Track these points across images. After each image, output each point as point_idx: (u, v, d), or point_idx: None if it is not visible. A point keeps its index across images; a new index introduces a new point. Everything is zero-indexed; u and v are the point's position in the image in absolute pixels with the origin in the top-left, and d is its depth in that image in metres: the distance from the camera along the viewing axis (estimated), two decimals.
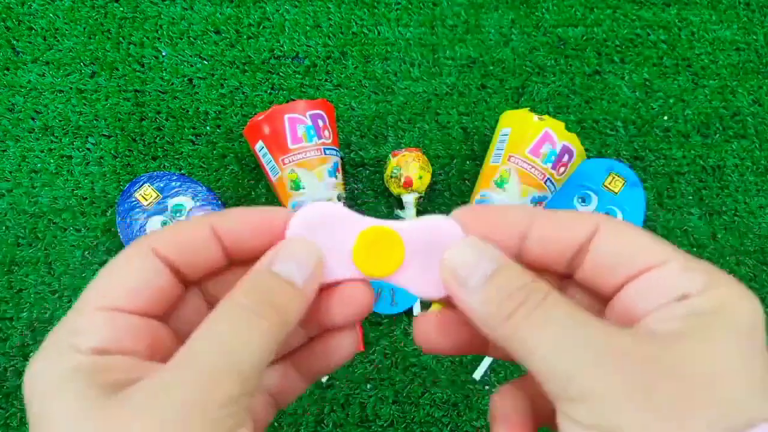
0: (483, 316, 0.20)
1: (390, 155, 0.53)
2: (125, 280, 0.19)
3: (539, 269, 0.21)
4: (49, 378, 0.17)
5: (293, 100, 0.56)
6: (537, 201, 0.49)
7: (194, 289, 0.22)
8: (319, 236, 0.26)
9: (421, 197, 0.53)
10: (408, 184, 0.51)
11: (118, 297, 0.19)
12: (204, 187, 0.53)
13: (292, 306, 0.20)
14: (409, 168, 0.51)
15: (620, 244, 0.20)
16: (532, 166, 0.48)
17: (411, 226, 0.26)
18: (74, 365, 0.17)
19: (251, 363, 0.18)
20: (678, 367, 0.18)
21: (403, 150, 0.53)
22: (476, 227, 0.22)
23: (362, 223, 0.27)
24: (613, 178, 0.54)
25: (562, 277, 0.22)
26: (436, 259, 0.25)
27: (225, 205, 0.54)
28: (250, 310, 0.19)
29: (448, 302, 0.23)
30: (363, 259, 0.27)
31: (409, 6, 0.61)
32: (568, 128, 0.49)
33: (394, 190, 0.52)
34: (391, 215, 0.55)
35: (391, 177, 0.52)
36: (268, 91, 0.58)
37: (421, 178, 0.51)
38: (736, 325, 0.19)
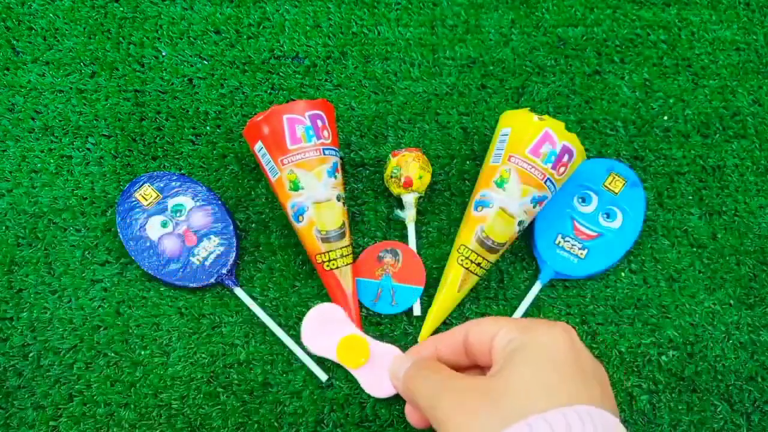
0: (402, 392, 0.40)
1: (390, 155, 0.53)
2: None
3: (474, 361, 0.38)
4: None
5: (293, 100, 0.56)
6: (537, 201, 0.49)
7: None
8: (323, 326, 0.50)
9: (421, 197, 0.53)
10: (408, 184, 0.51)
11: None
12: (204, 187, 0.53)
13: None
14: (409, 168, 0.51)
15: (479, 335, 0.36)
16: (532, 166, 0.48)
17: (376, 343, 0.50)
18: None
19: None
20: (493, 388, 0.30)
21: (403, 150, 0.53)
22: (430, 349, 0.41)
23: (348, 328, 0.50)
24: (614, 178, 0.54)
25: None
26: (385, 370, 0.49)
27: (225, 205, 0.54)
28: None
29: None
30: (341, 353, 0.49)
31: (409, 6, 0.61)
32: (568, 128, 0.49)
33: (394, 190, 0.52)
34: (391, 215, 0.55)
35: (391, 177, 0.52)
36: (268, 91, 0.58)
37: (421, 178, 0.51)
38: (535, 352, 0.31)
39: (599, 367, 0.33)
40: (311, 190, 0.49)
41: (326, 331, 0.50)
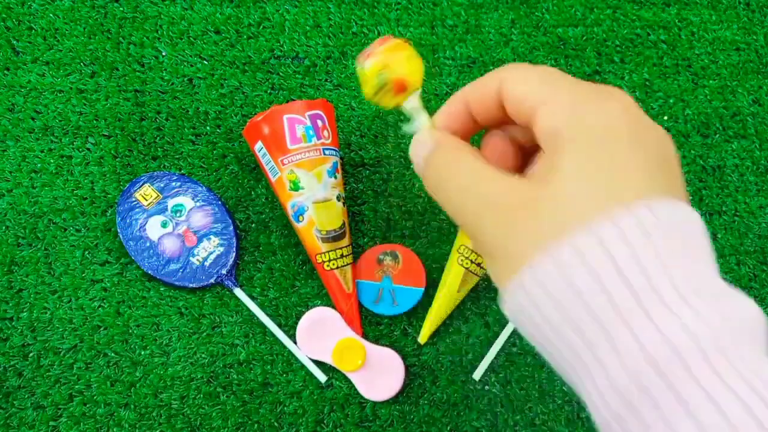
0: (423, 180, 0.30)
1: (359, 64, 0.35)
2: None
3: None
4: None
5: (293, 100, 0.56)
6: None
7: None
8: (317, 329, 0.50)
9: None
10: (401, 87, 0.35)
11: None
12: (204, 187, 0.53)
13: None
14: (395, 64, 0.35)
15: (517, 92, 0.27)
16: None
17: (372, 346, 0.50)
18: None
19: None
20: (540, 197, 0.23)
21: (375, 46, 0.35)
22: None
23: (344, 332, 0.50)
24: None
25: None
26: (384, 373, 0.49)
27: (225, 205, 0.54)
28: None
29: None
30: (337, 357, 0.49)
31: (409, 6, 0.61)
32: None
33: (388, 103, 0.36)
34: (391, 215, 0.55)
35: (379, 90, 0.35)
36: (268, 91, 0.58)
37: (412, 72, 0.36)
38: (587, 142, 0.23)
39: (664, 140, 0.25)
40: (311, 190, 0.49)
41: (322, 335, 0.50)
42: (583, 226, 0.22)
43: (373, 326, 0.52)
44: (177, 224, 0.52)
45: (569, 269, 0.21)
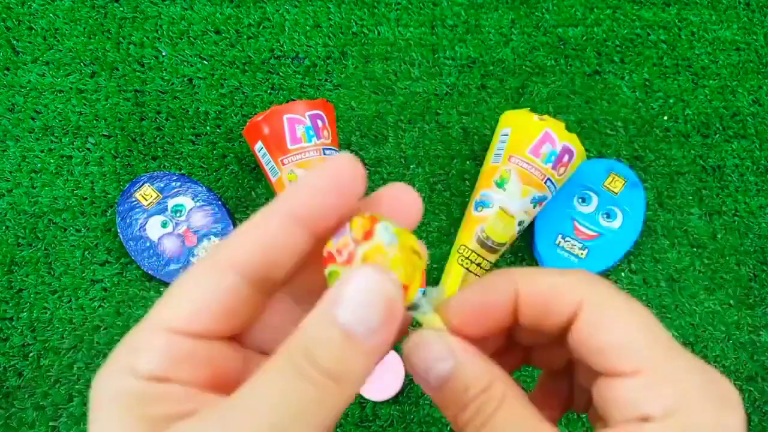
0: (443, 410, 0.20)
1: (332, 267, 0.19)
2: (192, 300, 0.17)
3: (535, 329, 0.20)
4: (103, 396, 0.17)
5: (293, 100, 0.56)
6: (537, 201, 0.49)
7: (281, 294, 0.20)
8: None
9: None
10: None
11: (182, 318, 0.17)
12: (204, 187, 0.53)
13: (354, 371, 0.16)
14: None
15: (599, 333, 0.18)
16: (533, 166, 0.48)
17: None
18: (128, 389, 0.16)
19: None
20: None
21: (349, 244, 0.18)
22: (465, 319, 0.20)
23: None
24: (613, 178, 0.54)
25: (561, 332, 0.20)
26: (384, 373, 0.45)
27: (225, 205, 0.54)
28: (299, 377, 0.16)
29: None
30: None
31: (409, 6, 0.61)
32: (568, 128, 0.49)
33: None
34: None
35: None
36: (268, 91, 0.58)
37: (406, 275, 0.20)
38: None
39: None
40: None
41: None
42: None
43: None
44: (177, 224, 0.52)
45: None
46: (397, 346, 0.51)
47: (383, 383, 0.49)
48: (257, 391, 0.16)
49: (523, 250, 0.54)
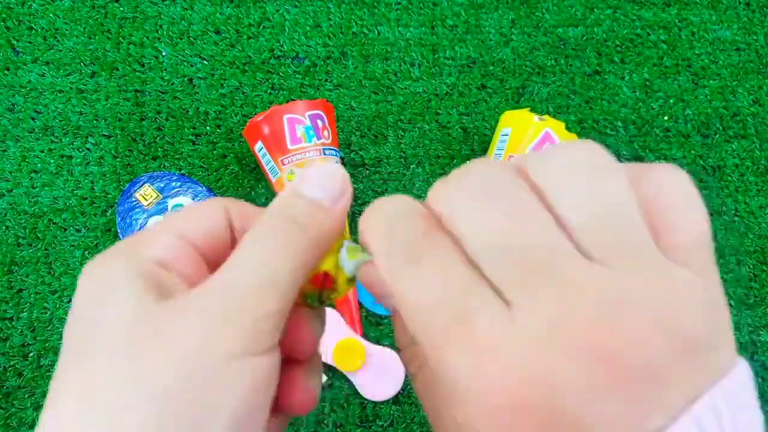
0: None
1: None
2: (199, 221, 0.21)
3: None
4: (111, 281, 0.18)
5: (293, 100, 0.56)
6: None
7: None
8: None
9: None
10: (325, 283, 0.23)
11: (188, 229, 0.20)
12: (204, 187, 0.53)
13: (322, 226, 0.20)
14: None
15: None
16: None
17: (372, 346, 0.48)
18: (138, 270, 0.18)
19: (286, 280, 0.18)
20: None
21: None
22: None
23: (344, 332, 0.49)
24: None
25: None
26: (384, 373, 0.48)
27: None
28: (279, 230, 0.19)
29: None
30: (337, 357, 0.48)
31: (409, 6, 0.61)
32: (568, 128, 0.49)
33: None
34: None
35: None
36: (268, 91, 0.58)
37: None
38: None
39: None
40: None
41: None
42: None
43: (373, 326, 0.52)
44: None
45: None
46: (393, 345, 0.51)
47: (383, 383, 0.49)
48: (245, 253, 0.18)
49: None
